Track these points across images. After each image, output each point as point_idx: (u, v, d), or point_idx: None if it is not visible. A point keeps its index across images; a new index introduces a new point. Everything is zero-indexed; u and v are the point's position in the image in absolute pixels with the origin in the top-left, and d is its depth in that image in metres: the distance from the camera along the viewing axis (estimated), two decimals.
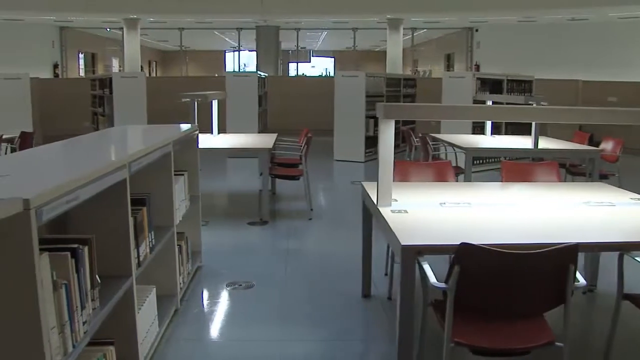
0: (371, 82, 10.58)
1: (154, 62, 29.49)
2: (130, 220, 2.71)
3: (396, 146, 11.96)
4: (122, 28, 18.92)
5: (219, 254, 4.96)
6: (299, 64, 26.68)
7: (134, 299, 2.75)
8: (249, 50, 24.81)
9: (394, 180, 4.44)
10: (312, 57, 29.19)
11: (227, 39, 24.79)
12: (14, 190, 1.87)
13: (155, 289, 3.22)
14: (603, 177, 6.47)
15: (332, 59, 30.67)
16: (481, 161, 9.18)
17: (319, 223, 6.14)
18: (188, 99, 5.89)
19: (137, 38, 17.48)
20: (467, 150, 6.43)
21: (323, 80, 21.49)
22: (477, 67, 18.57)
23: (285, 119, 13.17)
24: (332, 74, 29.67)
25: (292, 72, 26.53)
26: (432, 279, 2.37)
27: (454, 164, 6.20)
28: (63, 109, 13.38)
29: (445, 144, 7.20)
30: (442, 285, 2.34)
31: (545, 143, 6.86)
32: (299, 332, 3.55)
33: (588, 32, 16.16)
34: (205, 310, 3.93)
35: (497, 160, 9.43)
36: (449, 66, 22.56)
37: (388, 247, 4.42)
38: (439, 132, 8.64)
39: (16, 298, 1.76)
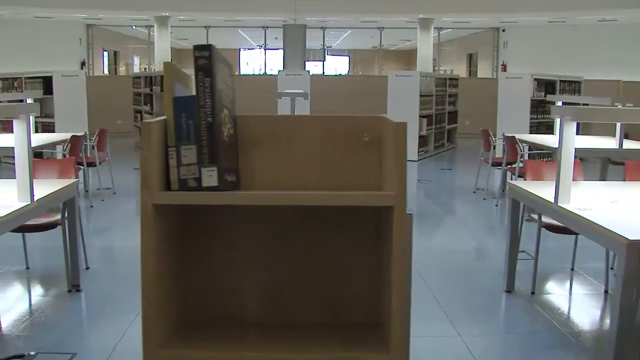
0: (422, 82, 10.69)
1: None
2: None
3: (441, 145, 12.11)
4: (148, 26, 18.98)
5: None
6: (315, 62, 26.71)
7: None
8: (267, 49, 24.83)
9: (526, 179, 4.58)
10: (326, 56, 29.22)
11: (247, 37, 24.83)
12: None
13: None
14: None
15: (347, 58, 30.77)
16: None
17: (416, 220, 6.22)
18: (288, 97, 5.99)
19: (167, 36, 17.54)
20: (555, 151, 6.52)
21: (347, 79, 21.62)
22: (504, 67, 18.71)
23: None
24: (343, 72, 29.80)
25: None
26: None
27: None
28: (103, 107, 13.37)
29: (524, 144, 7.31)
30: None
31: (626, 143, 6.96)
32: (461, 328, 3.62)
33: (619, 32, 16.32)
34: None
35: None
36: (471, 66, 22.71)
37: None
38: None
39: None
